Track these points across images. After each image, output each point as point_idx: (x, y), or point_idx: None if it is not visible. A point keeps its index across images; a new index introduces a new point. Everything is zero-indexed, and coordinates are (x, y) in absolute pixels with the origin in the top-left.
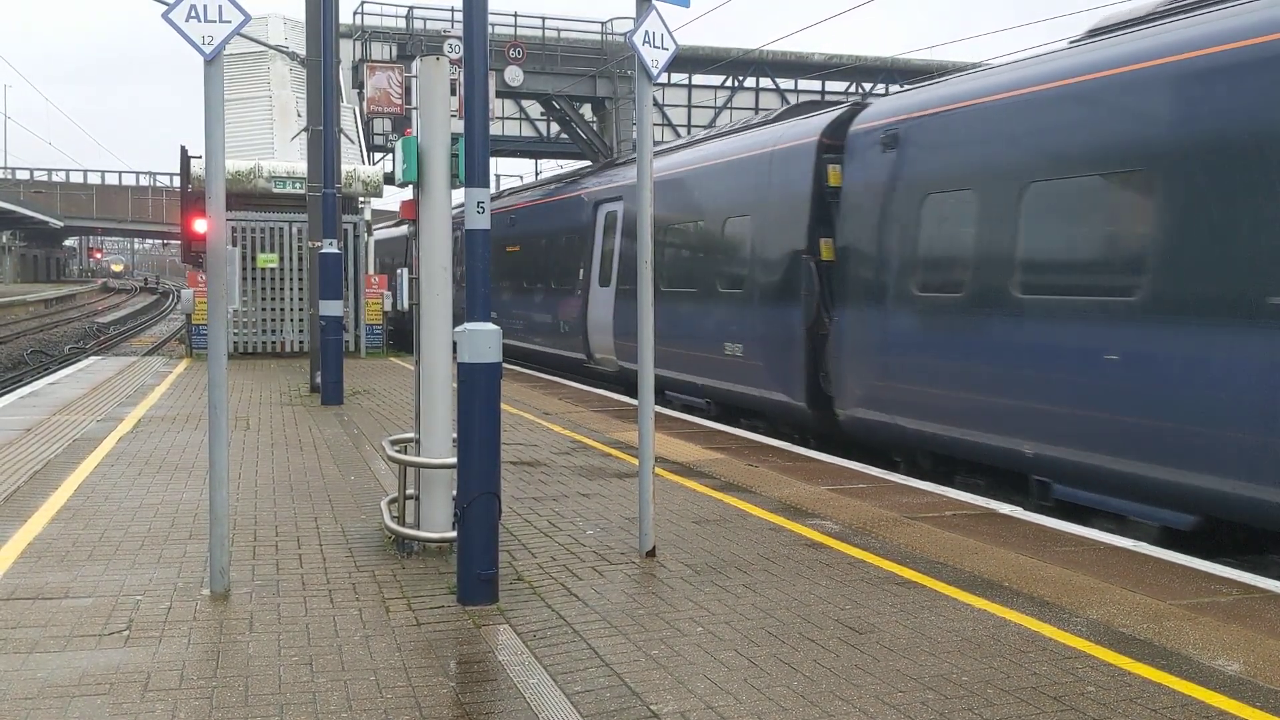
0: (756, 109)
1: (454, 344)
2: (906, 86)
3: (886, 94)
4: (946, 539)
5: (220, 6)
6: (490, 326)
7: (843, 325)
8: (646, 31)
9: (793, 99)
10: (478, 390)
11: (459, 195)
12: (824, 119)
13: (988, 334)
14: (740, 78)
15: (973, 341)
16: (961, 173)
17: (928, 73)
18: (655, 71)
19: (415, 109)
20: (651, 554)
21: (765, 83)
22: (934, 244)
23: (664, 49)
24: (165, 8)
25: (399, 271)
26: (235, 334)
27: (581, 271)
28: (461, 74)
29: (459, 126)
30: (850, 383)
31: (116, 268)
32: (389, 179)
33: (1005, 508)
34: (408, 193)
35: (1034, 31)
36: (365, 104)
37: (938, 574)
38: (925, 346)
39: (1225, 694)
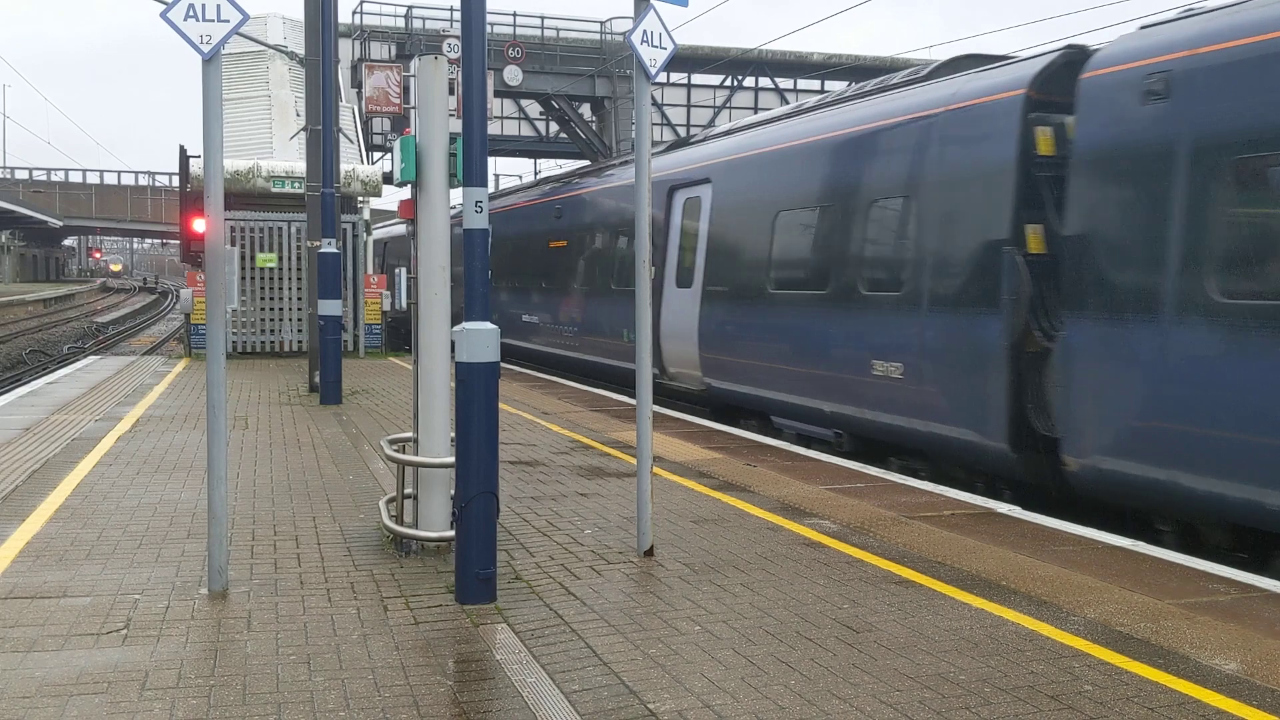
0: (755, 109)
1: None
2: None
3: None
4: (945, 538)
5: (218, 6)
6: (488, 326)
7: (1077, 341)
8: (645, 30)
9: (792, 99)
10: (476, 390)
11: (459, 195)
12: (1028, 68)
13: None
14: (739, 77)
15: None
16: None
17: None
18: (654, 71)
19: (413, 108)
20: (650, 553)
21: (764, 82)
22: (1245, 229)
23: (662, 48)
24: (164, 7)
25: (397, 271)
26: (234, 334)
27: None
28: (459, 73)
29: (457, 126)
30: (1092, 420)
31: (115, 268)
32: (388, 179)
33: (1004, 507)
34: (406, 192)
35: (1041, 29)
36: (364, 103)
37: (936, 573)
38: (1233, 376)
39: (1223, 693)
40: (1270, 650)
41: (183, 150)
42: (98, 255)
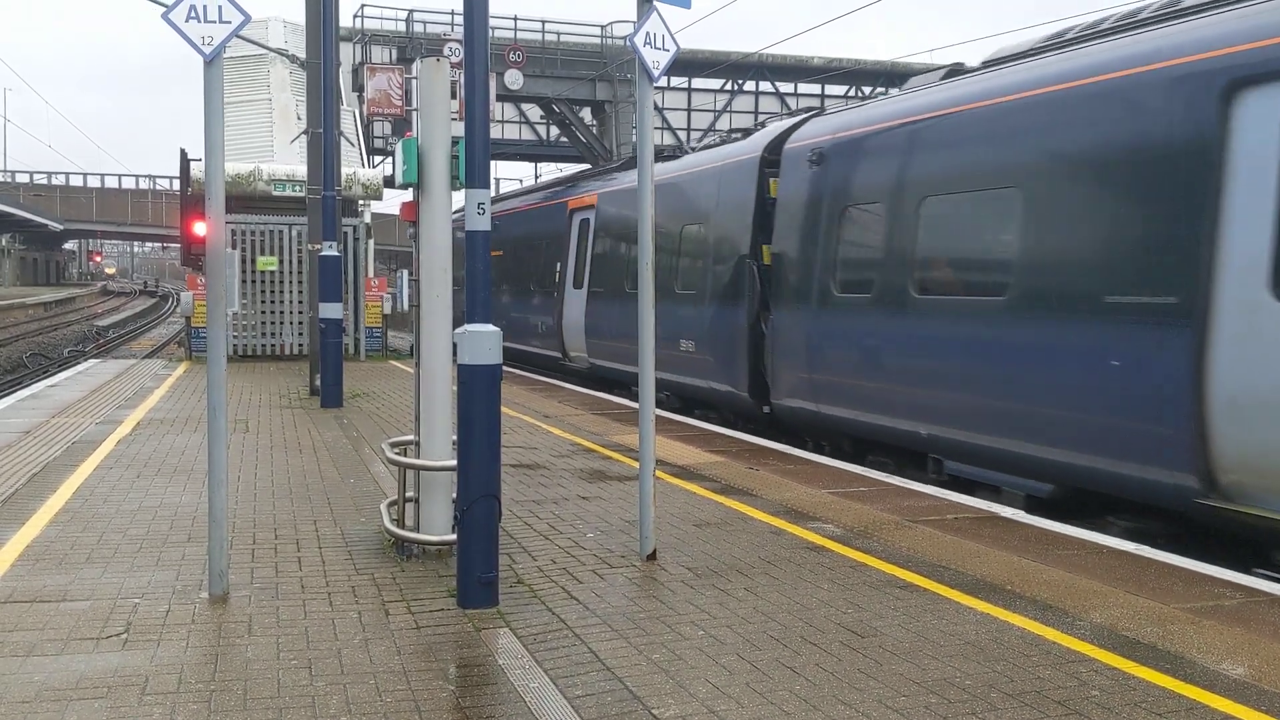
0: (756, 113)
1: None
2: None
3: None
4: (948, 542)
5: (220, 7)
6: (490, 328)
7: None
8: (648, 33)
9: (792, 103)
10: (477, 392)
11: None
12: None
13: None
14: (740, 81)
15: None
16: None
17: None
18: (656, 73)
19: (415, 111)
20: (652, 557)
21: (765, 86)
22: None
23: (665, 50)
24: (164, 8)
25: (400, 273)
26: (235, 337)
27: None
28: (462, 76)
29: (459, 129)
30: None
31: (109, 270)
32: (389, 182)
33: (1008, 511)
34: (407, 195)
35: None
36: (365, 106)
37: (940, 577)
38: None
39: (1230, 698)
40: (1277, 655)
41: (184, 153)
42: (98, 258)
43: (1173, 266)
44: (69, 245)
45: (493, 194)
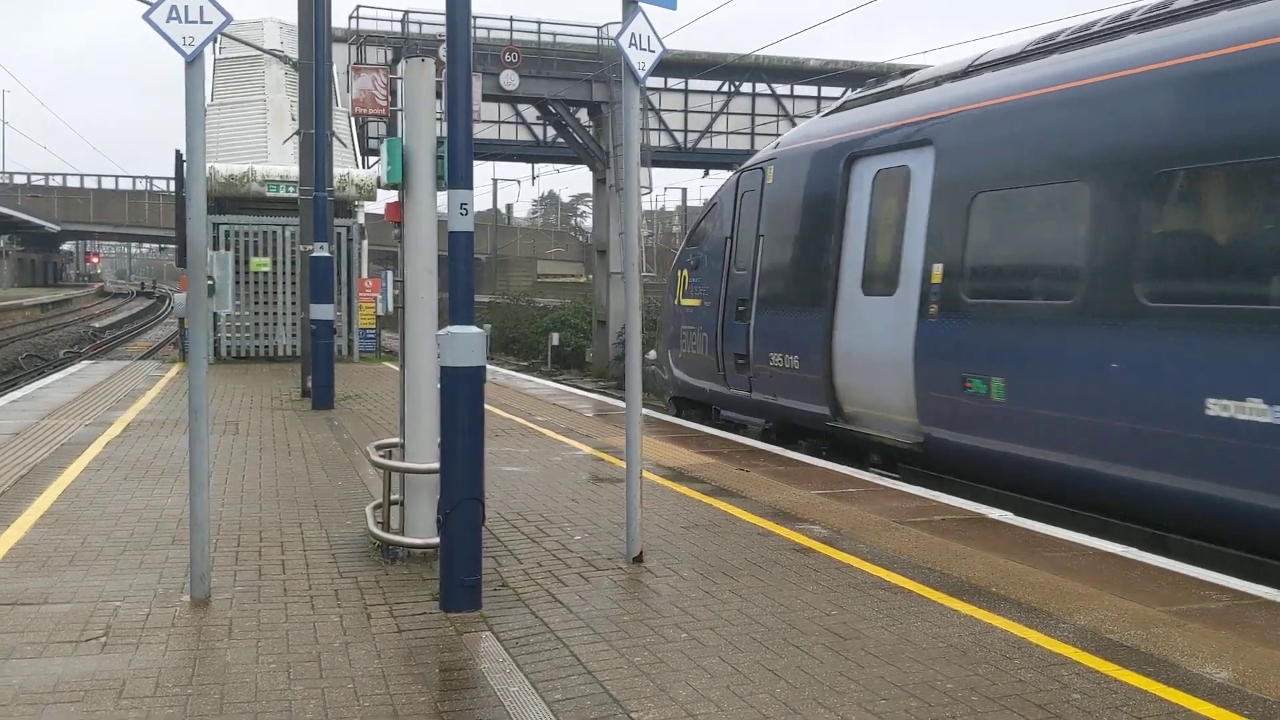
0: (753, 114)
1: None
2: None
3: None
4: (934, 544)
5: (201, 7)
6: (473, 330)
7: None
8: (633, 33)
9: (788, 105)
10: (460, 394)
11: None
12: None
13: None
14: (736, 83)
15: None
16: None
17: None
18: (642, 74)
19: (400, 111)
20: (639, 559)
21: (761, 88)
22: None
23: (650, 51)
24: (147, 8)
25: (385, 273)
26: (227, 338)
27: None
28: (445, 75)
29: (444, 129)
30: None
31: (99, 273)
32: (381, 183)
33: (995, 512)
34: (395, 195)
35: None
36: (351, 106)
37: (925, 579)
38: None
39: (1214, 702)
40: (1262, 658)
41: (179, 154)
42: (95, 260)
43: None
44: (66, 246)
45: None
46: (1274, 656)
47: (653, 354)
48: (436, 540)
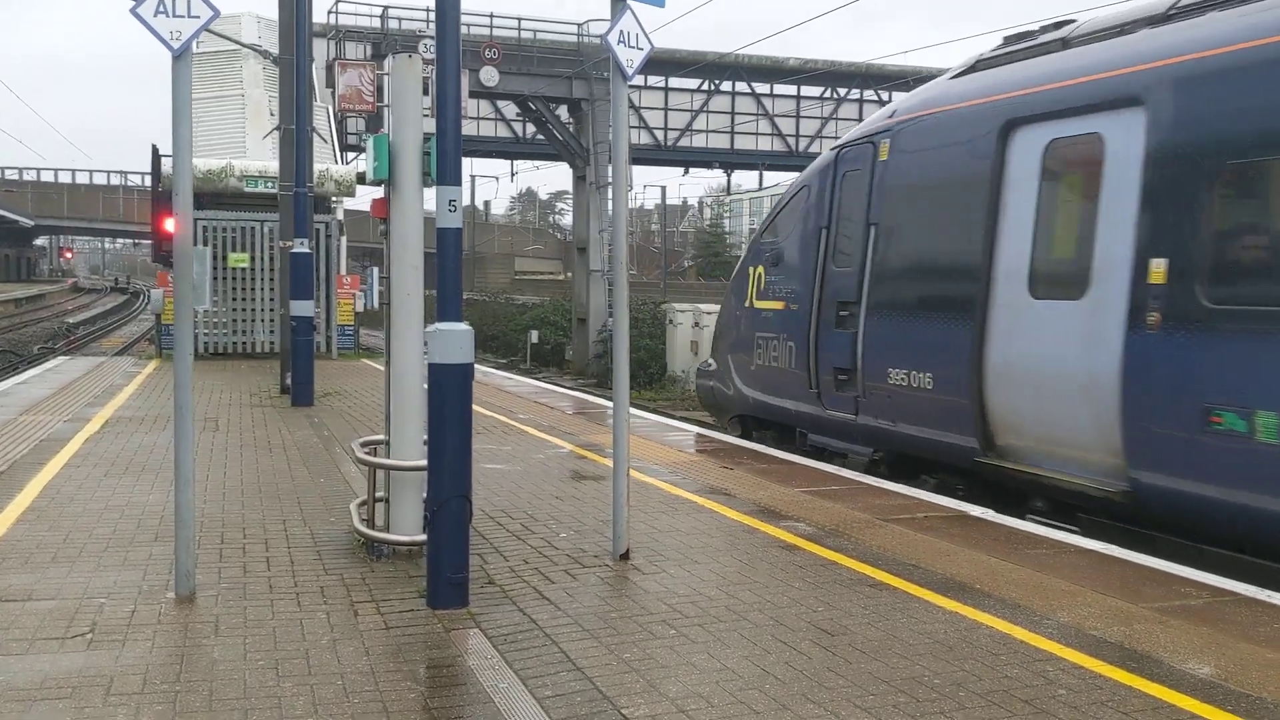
0: (732, 113)
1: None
2: None
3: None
4: (919, 541)
5: (189, 1)
6: (461, 326)
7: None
8: (621, 31)
9: (768, 104)
10: (449, 392)
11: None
12: None
13: None
14: (716, 81)
15: None
16: None
17: (901, 78)
18: (630, 71)
19: (387, 106)
20: (625, 556)
21: (741, 87)
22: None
23: (639, 49)
24: (133, 2)
25: (370, 270)
26: (205, 334)
27: None
28: (434, 72)
29: (431, 125)
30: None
31: (69, 267)
32: (362, 179)
33: (976, 510)
34: (379, 191)
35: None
36: (337, 102)
37: (910, 576)
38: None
39: (1197, 697)
40: (1243, 655)
41: (155, 149)
42: (69, 255)
43: None
44: (40, 241)
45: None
46: (1255, 653)
47: (707, 363)
48: (422, 537)
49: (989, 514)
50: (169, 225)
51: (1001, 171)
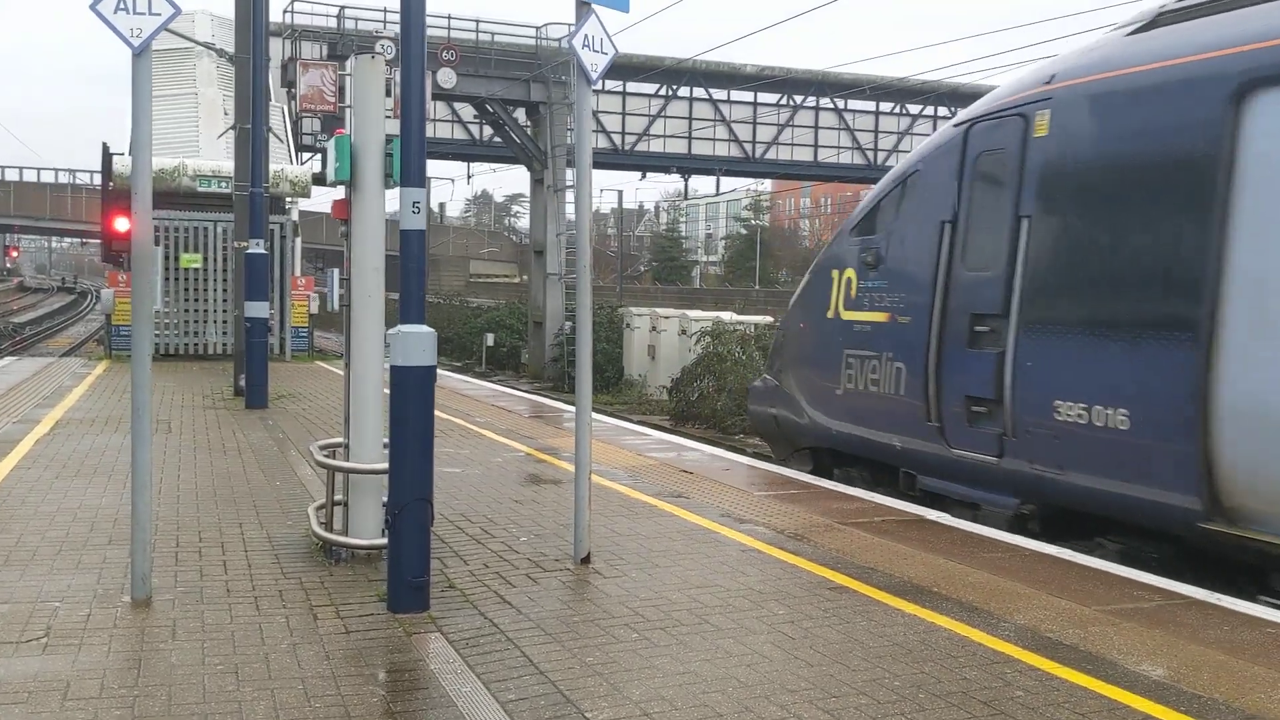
0: (690, 118)
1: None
2: None
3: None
4: (878, 544)
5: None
6: (424, 329)
7: None
8: (586, 35)
9: (725, 110)
10: (411, 394)
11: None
12: None
13: None
14: (674, 87)
15: None
16: None
17: (857, 85)
18: (595, 75)
19: (349, 107)
20: (586, 560)
21: (699, 93)
22: None
23: (603, 53)
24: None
25: (330, 272)
26: (156, 335)
27: None
28: (397, 73)
29: (392, 126)
30: None
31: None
32: (318, 180)
33: (933, 514)
34: (339, 193)
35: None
36: (298, 102)
37: (869, 579)
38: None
39: (1150, 698)
40: (1195, 656)
41: (105, 147)
42: (14, 254)
43: None
44: None
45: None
46: (1205, 654)
47: (761, 384)
48: (382, 541)
49: (944, 517)
50: (120, 224)
51: (1235, 147)
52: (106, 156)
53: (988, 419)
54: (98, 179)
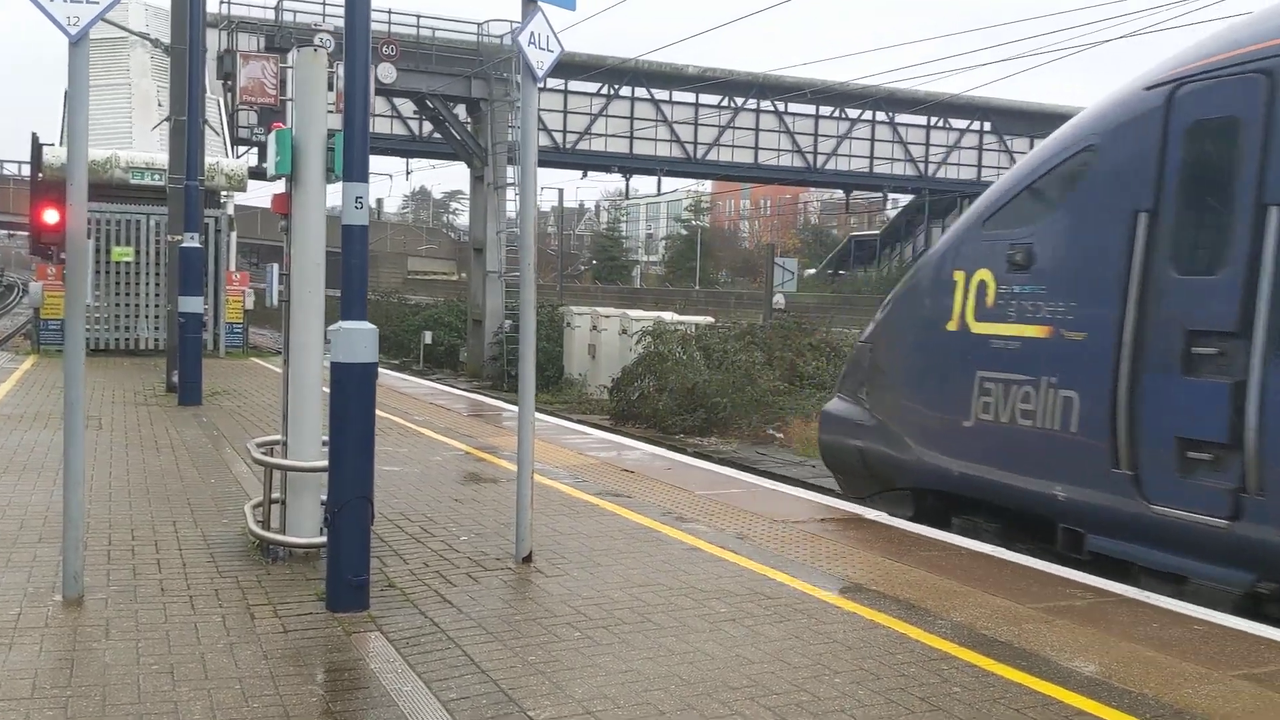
0: (632, 118)
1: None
2: None
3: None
4: (818, 543)
5: None
6: (366, 326)
7: None
8: (532, 33)
9: (667, 110)
10: (351, 391)
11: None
12: None
13: None
14: (616, 86)
15: None
16: None
17: (798, 89)
18: (541, 73)
19: (290, 100)
20: (528, 559)
21: (640, 93)
22: None
23: (549, 51)
24: None
25: (269, 267)
26: (87, 330)
27: None
28: (341, 67)
29: (334, 121)
30: None
31: None
32: (255, 173)
33: (870, 513)
34: (278, 187)
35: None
36: (238, 94)
37: (809, 577)
38: None
39: (1083, 694)
40: (1126, 653)
41: (35, 138)
42: None
43: None
44: None
45: None
46: (1136, 651)
47: (837, 409)
48: (321, 540)
49: (882, 517)
50: (49, 216)
51: None
52: (36, 147)
53: (1212, 469)
54: (25, 170)
